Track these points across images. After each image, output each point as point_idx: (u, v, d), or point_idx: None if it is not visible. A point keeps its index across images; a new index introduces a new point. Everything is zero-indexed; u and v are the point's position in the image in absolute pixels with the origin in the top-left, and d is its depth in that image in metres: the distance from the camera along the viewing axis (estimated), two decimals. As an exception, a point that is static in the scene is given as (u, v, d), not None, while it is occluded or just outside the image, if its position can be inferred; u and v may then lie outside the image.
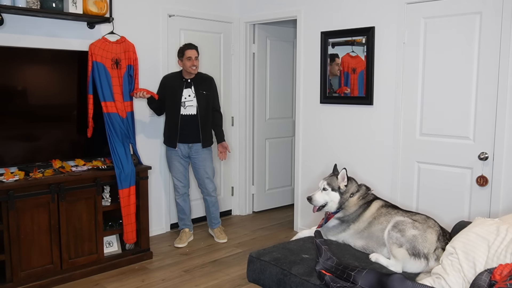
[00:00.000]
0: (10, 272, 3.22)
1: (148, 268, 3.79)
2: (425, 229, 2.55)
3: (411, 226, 2.57)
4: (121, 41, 3.78)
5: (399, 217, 2.67)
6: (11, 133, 3.43)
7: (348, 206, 2.86)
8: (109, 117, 3.66)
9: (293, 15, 4.50)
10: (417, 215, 2.70)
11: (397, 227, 2.59)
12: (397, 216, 2.69)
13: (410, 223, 2.59)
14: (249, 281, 2.76)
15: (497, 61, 3.23)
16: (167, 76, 4.20)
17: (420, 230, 2.55)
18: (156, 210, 4.53)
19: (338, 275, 2.31)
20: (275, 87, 5.35)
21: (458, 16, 3.40)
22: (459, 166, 3.48)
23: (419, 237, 2.51)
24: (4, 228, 3.18)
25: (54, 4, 3.46)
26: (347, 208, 2.85)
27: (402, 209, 2.79)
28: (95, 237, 3.62)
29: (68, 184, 3.42)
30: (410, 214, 2.71)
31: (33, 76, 3.50)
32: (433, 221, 2.65)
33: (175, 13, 4.49)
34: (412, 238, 2.51)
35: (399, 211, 2.75)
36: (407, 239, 2.51)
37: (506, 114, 3.22)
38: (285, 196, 5.60)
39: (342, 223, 2.86)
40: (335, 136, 4.23)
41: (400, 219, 2.64)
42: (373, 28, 3.87)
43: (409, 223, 2.59)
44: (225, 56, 4.98)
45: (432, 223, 2.63)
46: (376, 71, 3.89)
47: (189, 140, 4.13)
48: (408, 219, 2.62)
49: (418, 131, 3.70)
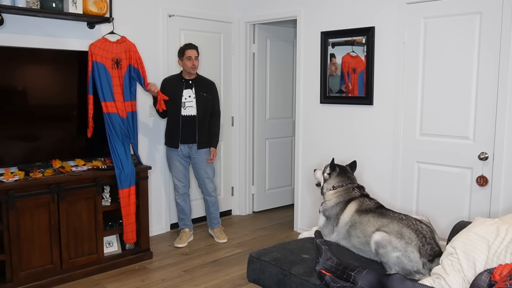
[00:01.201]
0: (10, 272, 3.22)
1: (148, 268, 3.79)
2: (405, 248, 2.45)
3: (391, 249, 2.47)
4: (121, 41, 3.78)
5: (375, 235, 2.56)
6: (11, 133, 3.43)
7: (326, 199, 2.93)
8: (109, 117, 3.66)
9: (293, 15, 4.50)
10: (390, 223, 2.58)
11: (378, 251, 2.52)
12: (372, 231, 2.60)
13: (388, 243, 2.49)
14: (249, 281, 2.76)
15: (497, 61, 3.23)
16: (167, 79, 4.20)
17: (401, 250, 2.45)
18: (156, 210, 4.53)
19: (338, 275, 2.31)
20: (275, 87, 5.35)
21: (458, 16, 3.40)
22: (459, 166, 3.48)
23: (402, 258, 2.44)
24: (4, 228, 3.18)
25: (54, 4, 3.46)
26: (325, 201, 2.92)
27: (373, 212, 2.70)
28: (95, 237, 3.62)
29: (68, 184, 3.42)
30: (382, 221, 2.61)
31: (33, 76, 3.50)
32: (408, 230, 2.51)
33: (175, 13, 4.49)
34: (397, 261, 2.45)
35: (371, 219, 2.66)
36: (393, 263, 2.46)
37: (506, 114, 3.22)
38: (285, 196, 5.60)
39: (327, 224, 2.88)
40: (335, 136, 4.23)
41: (377, 238, 2.54)
42: (373, 28, 3.87)
43: (387, 242, 2.49)
44: (225, 56, 4.98)
45: (408, 235, 2.49)
46: (376, 71, 3.89)
47: (189, 140, 4.13)
48: (384, 238, 2.51)
49: (418, 131, 3.70)
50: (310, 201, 4.51)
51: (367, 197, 2.88)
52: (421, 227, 2.56)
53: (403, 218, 2.62)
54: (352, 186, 2.92)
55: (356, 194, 2.87)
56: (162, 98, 3.91)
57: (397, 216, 2.64)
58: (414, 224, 2.56)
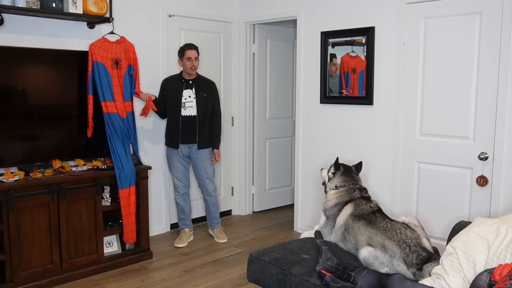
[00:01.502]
0: (10, 272, 3.22)
1: (148, 268, 3.79)
2: (391, 262, 2.42)
3: (378, 264, 2.43)
4: (121, 41, 3.78)
5: (363, 251, 2.53)
6: (11, 133, 3.43)
7: (327, 198, 2.93)
8: (109, 117, 3.66)
9: (293, 15, 4.50)
10: (375, 235, 2.54)
11: (367, 267, 2.46)
12: (362, 240, 2.59)
13: (374, 259, 2.45)
14: (249, 281, 2.76)
15: (497, 61, 3.23)
16: (167, 79, 4.20)
17: (387, 265, 2.42)
18: (156, 210, 4.53)
19: (338, 275, 2.31)
20: (275, 87, 5.35)
21: (458, 16, 3.40)
22: (459, 166, 3.48)
23: (391, 272, 2.38)
24: (4, 228, 3.18)
25: (54, 4, 3.46)
26: (327, 200, 2.92)
27: (364, 219, 2.66)
28: (95, 237, 3.62)
29: (68, 184, 3.42)
30: (370, 232, 2.58)
31: (33, 76, 3.50)
32: (390, 242, 2.46)
33: (175, 13, 4.49)
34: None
35: (361, 227, 2.63)
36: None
37: (506, 114, 3.22)
38: (285, 196, 5.60)
39: (327, 224, 2.87)
40: (335, 136, 4.23)
41: (364, 255, 2.51)
42: (373, 28, 3.87)
43: (374, 259, 2.45)
44: (225, 56, 4.98)
45: (390, 248, 2.44)
46: (376, 71, 3.89)
47: (190, 140, 4.13)
48: (371, 253, 2.48)
49: (418, 131, 3.70)
50: (311, 201, 4.51)
51: (366, 199, 2.83)
52: (406, 234, 2.49)
53: (388, 228, 2.55)
54: (354, 187, 2.91)
55: (356, 195, 2.85)
56: (150, 107, 3.88)
57: (383, 225, 2.58)
58: (397, 233, 2.50)
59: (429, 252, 2.46)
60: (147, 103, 3.87)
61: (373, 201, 2.85)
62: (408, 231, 2.53)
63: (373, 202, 2.84)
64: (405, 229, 2.54)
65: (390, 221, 2.63)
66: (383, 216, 2.71)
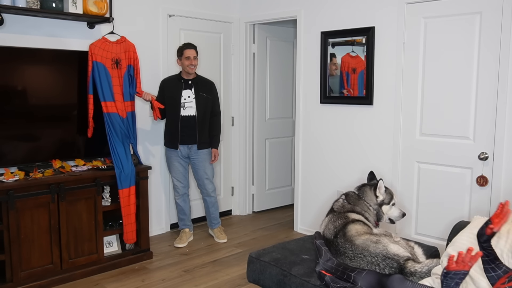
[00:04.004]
0: (10, 272, 3.22)
1: (148, 268, 3.79)
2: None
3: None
4: (121, 41, 3.78)
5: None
6: (11, 133, 3.43)
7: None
8: (109, 117, 3.66)
9: (293, 15, 4.50)
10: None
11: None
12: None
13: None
14: (249, 281, 2.76)
15: (497, 61, 3.23)
16: (165, 80, 4.19)
17: None
18: (156, 210, 4.53)
19: (338, 276, 2.32)
20: (275, 87, 5.35)
21: (458, 16, 3.40)
22: (459, 166, 3.48)
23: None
24: (4, 228, 3.18)
25: (54, 4, 3.46)
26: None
27: (329, 247, 2.55)
28: (95, 237, 3.62)
29: (68, 184, 3.42)
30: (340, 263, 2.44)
31: (33, 76, 3.50)
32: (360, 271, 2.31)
33: (175, 13, 4.49)
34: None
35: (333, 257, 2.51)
36: None
37: (506, 114, 3.22)
38: (285, 196, 5.60)
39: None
40: (335, 136, 4.23)
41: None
42: (373, 28, 3.87)
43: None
44: (225, 56, 4.98)
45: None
46: (376, 71, 3.89)
47: (189, 141, 4.12)
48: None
49: (418, 131, 3.70)
50: (311, 201, 4.51)
51: (337, 215, 2.68)
52: (370, 254, 2.37)
53: (351, 256, 2.44)
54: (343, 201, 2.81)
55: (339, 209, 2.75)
56: (157, 106, 3.91)
57: (348, 255, 2.45)
58: (362, 258, 2.40)
59: (400, 256, 2.35)
60: (153, 103, 3.88)
61: (344, 219, 2.64)
62: (371, 248, 2.39)
63: (343, 220, 2.64)
64: (367, 248, 2.40)
65: (350, 247, 2.45)
66: (343, 239, 2.51)
